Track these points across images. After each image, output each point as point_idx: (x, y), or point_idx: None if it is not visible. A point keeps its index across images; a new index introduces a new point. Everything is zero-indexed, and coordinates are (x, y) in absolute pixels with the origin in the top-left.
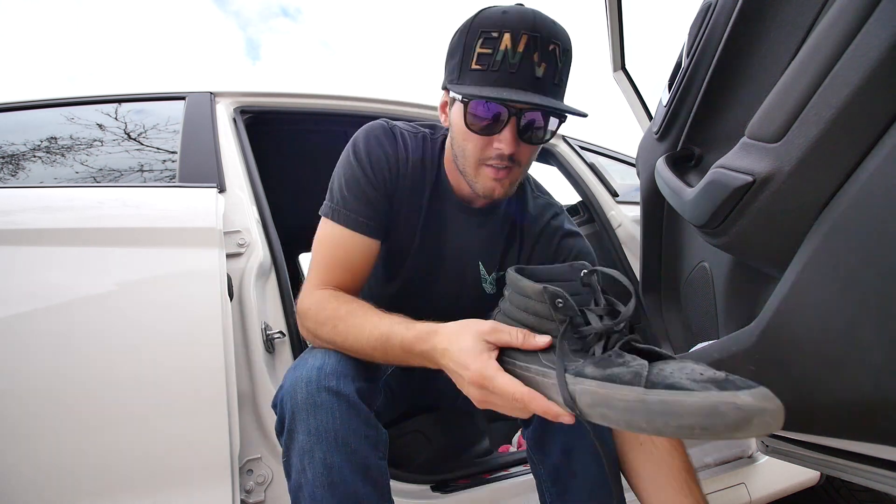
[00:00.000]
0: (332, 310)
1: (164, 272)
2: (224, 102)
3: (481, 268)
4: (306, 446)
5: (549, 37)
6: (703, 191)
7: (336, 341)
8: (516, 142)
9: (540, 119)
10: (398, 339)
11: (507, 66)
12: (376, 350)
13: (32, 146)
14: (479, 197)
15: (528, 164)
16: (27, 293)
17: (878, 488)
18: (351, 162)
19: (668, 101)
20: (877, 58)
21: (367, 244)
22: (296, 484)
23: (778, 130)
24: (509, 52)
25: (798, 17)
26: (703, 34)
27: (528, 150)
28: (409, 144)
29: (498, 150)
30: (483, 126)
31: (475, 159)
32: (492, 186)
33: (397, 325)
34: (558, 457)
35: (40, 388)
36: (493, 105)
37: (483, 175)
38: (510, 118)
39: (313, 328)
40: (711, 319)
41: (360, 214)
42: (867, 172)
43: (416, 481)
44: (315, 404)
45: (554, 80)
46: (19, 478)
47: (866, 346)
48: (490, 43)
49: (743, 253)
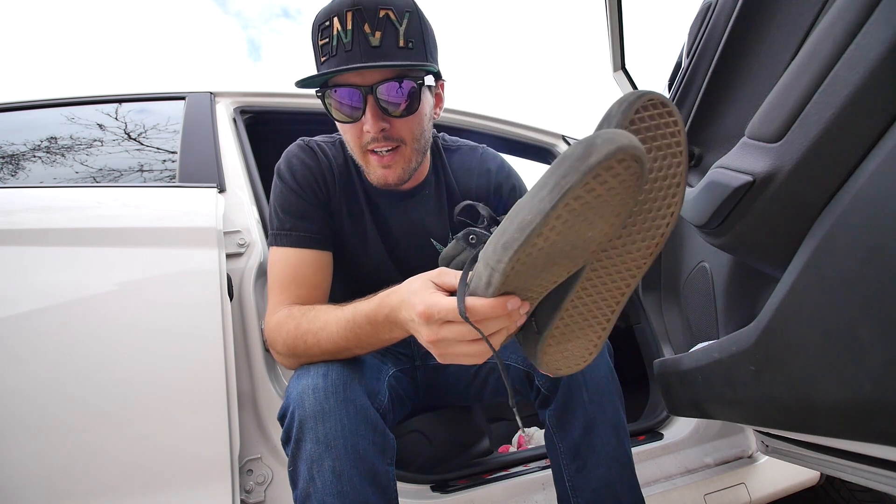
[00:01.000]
0: (294, 326)
1: (164, 272)
2: (224, 102)
3: (435, 244)
4: (315, 455)
5: (375, 5)
6: (704, 191)
7: (313, 353)
8: (380, 118)
9: (398, 88)
10: (362, 316)
11: (343, 46)
12: (349, 340)
13: (32, 146)
14: (379, 186)
15: (417, 140)
16: (27, 293)
17: (878, 488)
18: (279, 186)
19: None
20: (877, 58)
21: (315, 257)
22: (303, 493)
23: (778, 130)
24: (341, 33)
25: (798, 18)
26: (703, 34)
27: (405, 124)
28: (329, 153)
29: (367, 132)
30: (345, 113)
31: (358, 148)
32: (383, 174)
33: (359, 304)
34: (579, 432)
35: (40, 388)
36: (344, 91)
37: (372, 164)
38: (366, 97)
39: (287, 352)
40: (711, 319)
41: (300, 231)
42: (867, 172)
43: (416, 481)
44: (323, 412)
45: (399, 44)
46: (19, 477)
47: (866, 346)
48: (326, 33)
49: (743, 253)
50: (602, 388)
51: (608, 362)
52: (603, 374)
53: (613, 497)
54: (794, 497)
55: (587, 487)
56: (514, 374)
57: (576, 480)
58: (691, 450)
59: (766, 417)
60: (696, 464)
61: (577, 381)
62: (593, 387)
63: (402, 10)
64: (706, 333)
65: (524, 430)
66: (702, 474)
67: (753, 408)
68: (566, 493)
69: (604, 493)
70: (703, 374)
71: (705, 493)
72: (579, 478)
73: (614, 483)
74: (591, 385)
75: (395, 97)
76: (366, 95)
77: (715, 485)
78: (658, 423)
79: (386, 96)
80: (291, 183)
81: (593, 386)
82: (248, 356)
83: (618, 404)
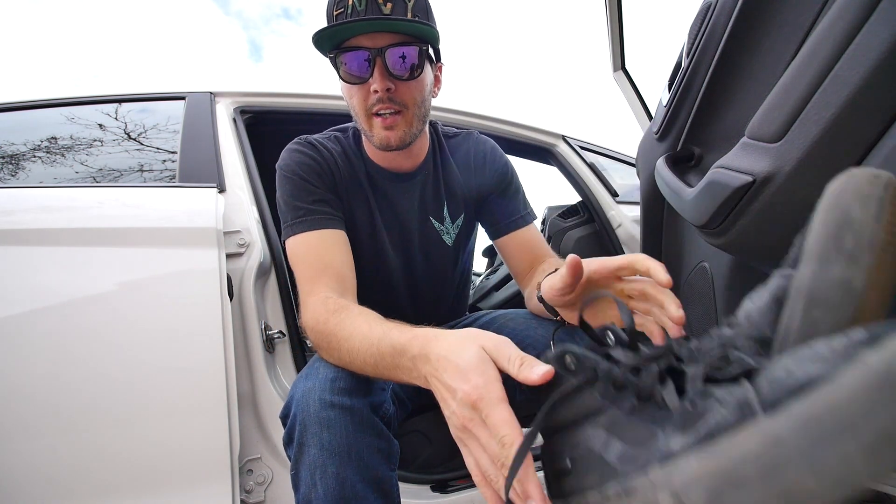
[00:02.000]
0: (323, 322)
1: (164, 272)
2: (224, 102)
3: (434, 223)
4: (318, 461)
5: None
6: (704, 191)
7: (334, 356)
8: (387, 79)
9: (407, 54)
10: (388, 345)
11: (357, 13)
12: (367, 363)
13: (32, 146)
14: (381, 148)
15: (418, 106)
16: (27, 293)
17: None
18: (286, 178)
19: (668, 101)
20: (877, 58)
21: (336, 236)
22: (305, 499)
23: (778, 130)
24: (356, 2)
25: (798, 17)
26: (703, 34)
27: (408, 89)
28: (327, 146)
29: (375, 92)
30: (354, 74)
31: (363, 111)
32: (385, 136)
33: (390, 331)
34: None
35: (40, 389)
36: (355, 53)
37: (375, 126)
38: (375, 59)
39: (318, 346)
40: (711, 319)
41: (316, 214)
42: None
43: (416, 481)
44: (328, 419)
45: (407, 16)
46: (19, 477)
47: None
48: (341, 4)
49: (743, 253)
50: None
51: None
52: None
53: None
54: None
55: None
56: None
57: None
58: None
59: None
60: None
61: None
62: None
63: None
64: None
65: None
66: None
67: None
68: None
69: None
70: None
71: None
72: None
73: None
74: None
75: (401, 60)
76: (374, 57)
77: None
78: None
79: (393, 59)
80: (299, 174)
81: None
82: (248, 356)
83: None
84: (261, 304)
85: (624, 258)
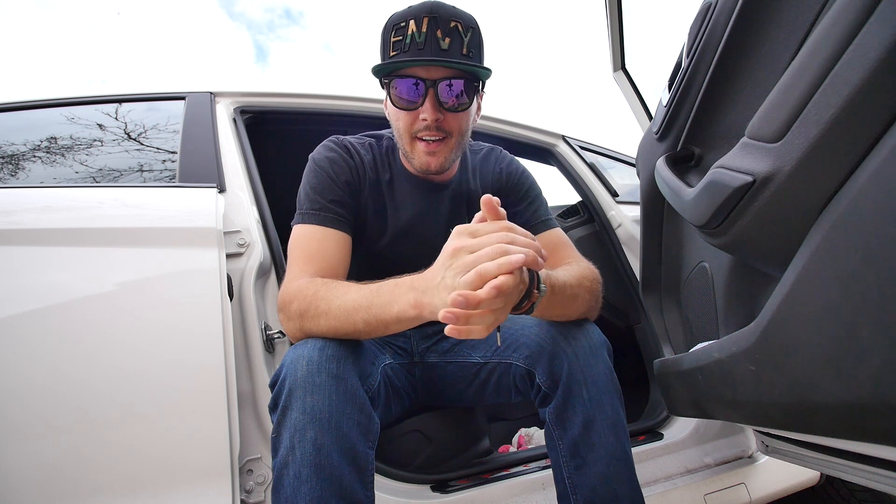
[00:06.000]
0: (313, 292)
1: (164, 272)
2: (224, 102)
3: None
4: (299, 424)
5: (448, 16)
6: (704, 191)
7: (321, 322)
8: (437, 110)
9: (456, 86)
10: (387, 282)
11: (416, 45)
12: (360, 307)
13: (32, 146)
14: (420, 173)
15: (461, 135)
16: (27, 293)
17: (878, 488)
18: (315, 170)
19: (668, 101)
20: (877, 58)
21: (340, 237)
22: (282, 461)
23: (778, 130)
24: (415, 34)
25: (798, 17)
26: (703, 34)
27: (454, 120)
28: (360, 151)
29: (423, 120)
30: (406, 101)
31: (408, 134)
32: (426, 161)
33: (384, 282)
34: (578, 430)
35: (40, 388)
36: (410, 81)
37: (418, 150)
38: (427, 90)
39: (298, 314)
40: (711, 319)
41: (328, 212)
42: (867, 172)
43: (416, 481)
44: (314, 384)
45: (462, 51)
46: (19, 477)
47: (866, 346)
48: (400, 31)
49: (743, 253)
50: (601, 387)
51: (607, 362)
52: (602, 373)
53: (612, 494)
54: (794, 497)
55: (586, 485)
56: (516, 371)
57: (575, 478)
58: (691, 450)
59: (766, 417)
60: (696, 464)
61: (577, 379)
62: (593, 385)
63: (468, 25)
64: (706, 333)
65: (524, 432)
66: (702, 474)
67: (753, 408)
68: (566, 491)
69: (602, 491)
70: (703, 374)
71: (705, 493)
72: (578, 475)
73: (613, 480)
74: (590, 383)
75: (452, 93)
76: (428, 88)
77: (715, 485)
78: (658, 423)
79: (444, 91)
80: (329, 170)
81: (593, 384)
82: (248, 356)
83: (617, 403)
84: (261, 304)
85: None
